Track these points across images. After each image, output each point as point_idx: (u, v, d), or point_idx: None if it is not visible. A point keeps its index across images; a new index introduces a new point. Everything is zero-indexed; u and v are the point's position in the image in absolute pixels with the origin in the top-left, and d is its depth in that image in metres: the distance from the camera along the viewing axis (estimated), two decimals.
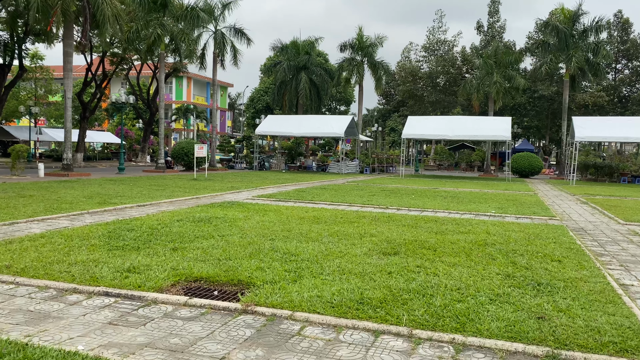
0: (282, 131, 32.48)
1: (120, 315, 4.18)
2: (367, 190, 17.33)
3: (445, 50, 51.27)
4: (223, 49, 30.80)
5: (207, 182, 19.11)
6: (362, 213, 10.72)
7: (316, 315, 4.13)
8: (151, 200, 12.11)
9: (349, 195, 15.09)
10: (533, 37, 48.16)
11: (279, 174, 28.98)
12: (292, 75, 39.43)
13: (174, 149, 28.86)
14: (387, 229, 8.55)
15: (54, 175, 21.04)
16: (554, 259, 6.48)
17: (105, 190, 14.62)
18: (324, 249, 6.71)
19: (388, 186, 19.94)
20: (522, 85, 35.22)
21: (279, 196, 14.16)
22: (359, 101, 39.69)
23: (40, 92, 44.33)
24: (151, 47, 26.85)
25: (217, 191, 15.39)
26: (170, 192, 14.66)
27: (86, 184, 16.92)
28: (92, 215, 9.63)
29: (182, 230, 7.86)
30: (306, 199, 13.58)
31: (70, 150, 21.89)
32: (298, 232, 7.92)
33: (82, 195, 12.98)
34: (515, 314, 4.24)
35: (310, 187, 18.05)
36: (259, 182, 20.51)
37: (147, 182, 18.57)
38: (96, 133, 48.25)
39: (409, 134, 28.67)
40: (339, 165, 33.60)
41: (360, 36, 38.30)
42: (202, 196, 13.75)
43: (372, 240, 7.42)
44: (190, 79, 66.04)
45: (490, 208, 12.41)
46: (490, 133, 27.54)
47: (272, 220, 9.24)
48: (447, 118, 30.64)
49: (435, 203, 13.22)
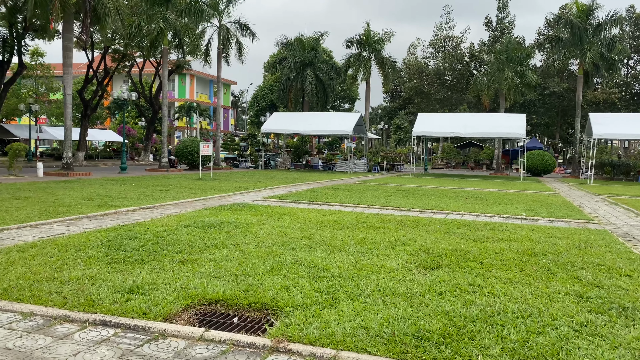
0: (288, 129, 31.61)
1: (120, 355, 3.34)
2: (382, 190, 16.47)
3: (453, 47, 50.27)
4: (228, 45, 29.92)
5: (213, 182, 18.27)
6: (385, 216, 9.86)
7: (368, 356, 3.28)
8: (155, 203, 11.28)
9: (364, 196, 14.24)
10: (543, 32, 47.20)
11: (286, 172, 28.14)
12: (297, 71, 38.52)
13: (178, 147, 28.04)
14: (419, 235, 7.69)
15: (53, 175, 20.23)
16: (621, 273, 5.61)
17: (106, 191, 13.79)
18: (353, 261, 5.86)
19: (402, 186, 19.07)
20: (534, 81, 34.25)
21: (290, 197, 13.32)
22: (365, 98, 38.78)
23: (41, 89, 43.52)
24: (154, 42, 25.97)
25: (224, 192, 14.55)
26: (175, 193, 13.83)
27: (86, 184, 16.10)
28: (91, 219, 8.80)
29: (191, 237, 7.02)
30: (320, 200, 12.74)
31: (70, 149, 21.07)
32: (320, 240, 7.08)
33: (81, 196, 12.15)
34: (615, 353, 3.38)
35: (321, 187, 17.20)
36: (267, 181, 19.67)
37: (151, 182, 17.74)
38: (98, 131, 47.43)
39: (419, 131, 27.77)
40: (346, 163, 32.74)
41: (367, 32, 37.39)
42: (209, 197, 12.91)
43: (405, 250, 6.57)
44: (193, 76, 65.20)
45: (519, 210, 11.53)
46: (504, 130, 26.62)
47: (288, 225, 8.40)
48: (458, 115, 29.74)
49: (458, 205, 12.35)
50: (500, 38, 48.52)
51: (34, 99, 40.17)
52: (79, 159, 34.27)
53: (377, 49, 36.99)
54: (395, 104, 59.02)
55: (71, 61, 20.64)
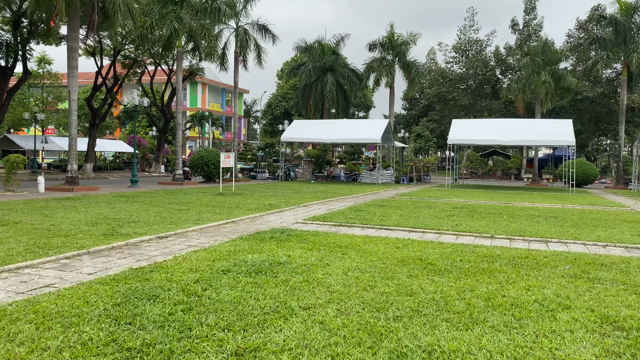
0: (311, 137, 29.36)
1: None
2: (436, 207, 14.11)
3: (477, 50, 47.95)
4: (246, 47, 27.80)
5: (236, 198, 16.02)
6: (478, 249, 7.50)
7: None
8: (175, 228, 9.03)
9: (420, 215, 11.90)
10: (573, 35, 44.81)
11: (309, 185, 25.87)
12: (317, 77, 36.35)
13: (193, 158, 25.89)
14: (562, 288, 5.32)
15: (56, 191, 18.08)
16: None
17: (115, 212, 11.58)
18: (512, 347, 3.54)
19: (451, 201, 16.70)
20: (573, 85, 31.81)
21: (335, 218, 11.01)
22: (389, 105, 36.50)
23: (49, 99, 41.72)
24: (167, 44, 23.88)
25: (253, 211, 12.29)
26: (197, 213, 11.58)
27: (92, 202, 13.91)
28: (93, 257, 6.55)
29: (237, 295, 4.73)
30: (373, 222, 10.42)
31: (75, 160, 18.92)
32: (428, 299, 4.75)
33: (84, 220, 9.93)
34: None
35: (362, 204, 14.87)
36: (296, 196, 17.38)
37: (166, 198, 15.53)
38: (107, 142, 45.50)
39: (456, 139, 25.40)
40: (372, 174, 30.40)
41: (391, 34, 35.18)
42: (238, 219, 10.66)
43: (575, 319, 4.22)
44: (205, 85, 63.42)
45: (634, 237, 9.14)
46: (551, 138, 24.16)
47: (363, 267, 6.10)
48: (497, 121, 27.33)
49: (547, 229, 9.96)
50: (527, 41, 46.18)
51: (40, 107, 38.28)
52: (86, 171, 32.27)
53: (402, 52, 34.76)
54: (415, 111, 56.63)
55: (77, 63, 18.57)
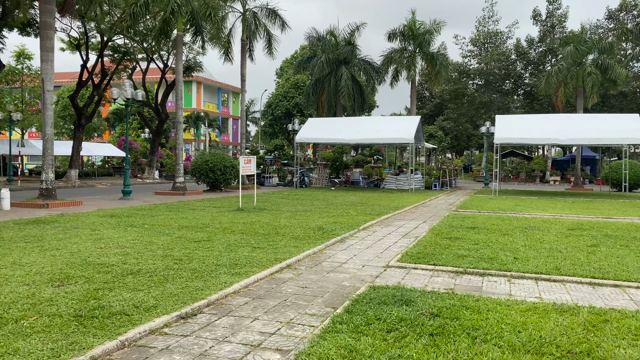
0: (330, 137, 25.50)
1: None
2: (544, 229, 10.28)
3: (498, 44, 44.37)
4: (255, 33, 23.91)
5: (263, 216, 12.07)
6: None
7: None
8: (203, 287, 5.15)
9: (556, 247, 8.12)
10: (603, 25, 41.44)
11: (331, 192, 22.00)
12: (329, 71, 32.49)
13: (196, 162, 21.96)
14: None
15: (25, 207, 14.06)
16: None
17: (101, 247, 7.65)
18: None
19: (536, 216, 12.89)
20: (622, 77, 28.25)
21: (441, 257, 7.17)
22: (411, 101, 32.79)
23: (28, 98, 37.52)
24: (163, 28, 19.96)
25: (302, 240, 8.41)
26: (225, 247, 7.69)
27: (70, 227, 9.93)
28: None
29: None
30: (506, 263, 6.62)
31: (51, 168, 14.86)
32: None
33: (48, 271, 6.01)
34: None
35: (440, 225, 11.05)
36: (333, 210, 13.46)
37: (171, 217, 11.57)
38: (95, 145, 41.29)
39: (502, 137, 21.68)
40: (397, 179, 26.62)
41: (412, 22, 31.42)
42: (293, 260, 6.82)
43: None
44: (200, 84, 59.39)
45: None
46: (618, 135, 20.52)
47: None
48: (549, 117, 23.67)
49: None
50: (551, 32, 42.73)
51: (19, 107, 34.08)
52: (71, 178, 28.19)
53: (426, 42, 31.04)
54: (426, 110, 52.93)
55: (52, 44, 14.58)
